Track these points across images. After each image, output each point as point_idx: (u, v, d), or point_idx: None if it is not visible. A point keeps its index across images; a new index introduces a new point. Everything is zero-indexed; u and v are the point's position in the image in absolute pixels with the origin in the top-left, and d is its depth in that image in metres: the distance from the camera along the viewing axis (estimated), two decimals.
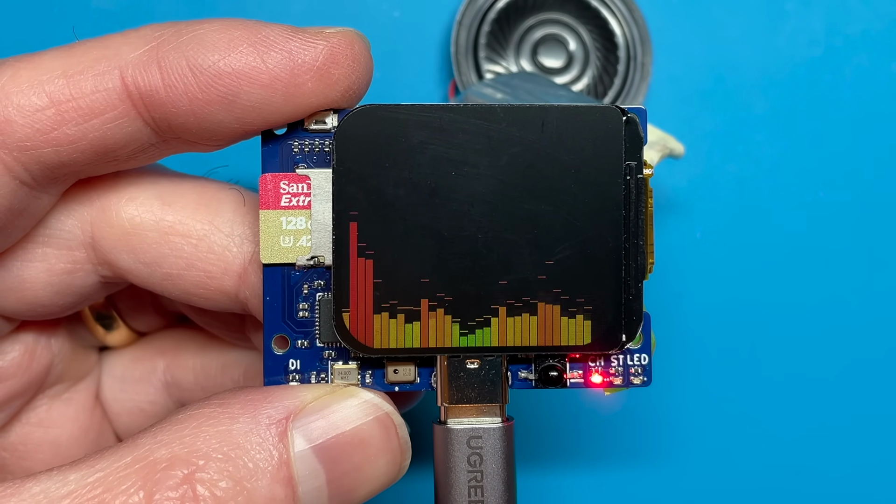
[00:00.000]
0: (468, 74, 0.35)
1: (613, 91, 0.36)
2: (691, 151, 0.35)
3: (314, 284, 0.23)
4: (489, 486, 0.23)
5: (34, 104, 0.22)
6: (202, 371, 0.29)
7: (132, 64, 0.22)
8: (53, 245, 0.24)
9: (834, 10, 0.37)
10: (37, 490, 0.19)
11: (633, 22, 0.36)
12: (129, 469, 0.20)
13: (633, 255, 0.23)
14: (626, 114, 0.23)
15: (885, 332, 0.36)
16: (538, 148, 0.23)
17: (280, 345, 0.23)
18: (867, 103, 0.37)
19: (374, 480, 0.22)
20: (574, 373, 0.24)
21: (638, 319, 0.23)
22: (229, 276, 0.24)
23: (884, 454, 0.36)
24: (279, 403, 0.21)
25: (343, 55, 0.22)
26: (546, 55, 0.36)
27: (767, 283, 0.36)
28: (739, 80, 0.36)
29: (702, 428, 0.36)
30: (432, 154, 0.23)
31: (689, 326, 0.36)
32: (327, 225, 0.23)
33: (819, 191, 0.36)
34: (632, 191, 0.23)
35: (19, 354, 0.26)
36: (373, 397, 0.22)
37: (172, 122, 0.22)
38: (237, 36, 0.22)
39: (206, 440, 0.20)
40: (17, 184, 0.22)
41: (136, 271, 0.25)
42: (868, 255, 0.36)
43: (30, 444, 0.27)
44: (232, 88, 0.22)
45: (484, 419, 0.23)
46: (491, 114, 0.23)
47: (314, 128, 0.23)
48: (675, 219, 0.36)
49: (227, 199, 0.25)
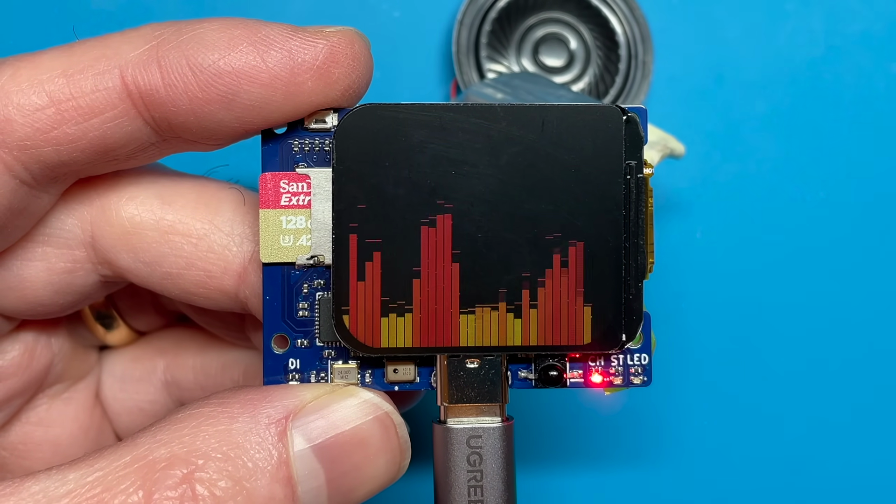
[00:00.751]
0: (469, 74, 0.35)
1: (615, 90, 0.35)
2: (691, 151, 0.35)
3: (314, 284, 0.23)
4: (489, 485, 0.23)
5: (34, 103, 0.22)
6: (202, 370, 0.29)
7: (132, 63, 0.22)
8: (53, 244, 0.24)
9: (834, 10, 0.37)
10: (36, 489, 0.19)
11: (634, 20, 0.35)
12: (129, 468, 0.20)
13: (633, 255, 0.23)
14: (627, 113, 0.23)
15: (885, 331, 0.36)
16: (538, 147, 0.23)
17: (280, 344, 0.23)
18: (867, 103, 0.37)
19: (374, 480, 0.22)
20: (574, 372, 0.24)
21: (638, 319, 0.23)
22: (229, 275, 0.24)
23: (885, 453, 0.36)
24: (279, 403, 0.21)
25: (343, 54, 0.22)
26: (547, 54, 0.36)
27: (767, 282, 0.36)
28: (739, 80, 0.36)
29: (702, 428, 0.36)
30: (432, 153, 0.23)
31: (689, 326, 0.36)
32: (327, 224, 0.23)
33: (819, 191, 0.36)
34: (632, 190, 0.23)
35: (19, 354, 0.26)
36: (372, 397, 0.22)
37: (172, 121, 0.22)
38: (237, 35, 0.22)
39: (206, 439, 0.20)
40: (17, 183, 0.22)
41: (135, 270, 0.25)
42: (868, 254, 0.36)
43: (29, 443, 0.27)
44: (232, 87, 0.22)
45: (484, 419, 0.23)
46: (491, 113, 0.23)
47: (314, 127, 0.23)
48: (675, 219, 0.36)
49: (227, 198, 0.25)
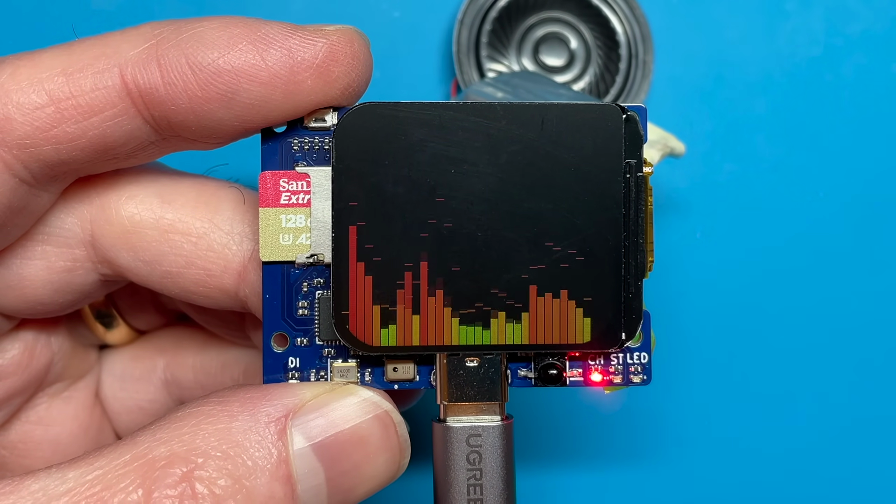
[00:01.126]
0: (470, 73, 0.35)
1: (615, 89, 0.35)
2: (691, 151, 0.35)
3: (314, 282, 0.23)
4: (488, 484, 0.23)
5: (34, 102, 0.22)
6: (202, 369, 0.29)
7: (132, 62, 0.22)
8: (53, 243, 0.24)
9: (834, 10, 0.37)
10: (36, 488, 0.19)
11: (634, 19, 0.35)
12: (128, 467, 0.20)
13: (632, 254, 0.23)
14: (626, 112, 0.23)
15: (885, 330, 0.36)
16: (538, 146, 0.23)
17: (279, 343, 0.23)
18: (867, 103, 0.37)
19: (373, 479, 0.22)
20: (573, 371, 0.24)
21: (638, 318, 0.23)
22: (229, 273, 0.24)
23: (884, 452, 0.36)
24: (278, 401, 0.21)
25: (342, 53, 0.22)
26: (548, 54, 0.36)
27: (767, 282, 0.36)
28: (739, 80, 0.36)
29: (701, 426, 0.36)
30: (432, 152, 0.23)
31: (688, 325, 0.36)
32: (327, 223, 0.23)
33: (819, 191, 0.36)
34: (631, 189, 0.23)
35: (19, 352, 0.26)
36: (372, 395, 0.22)
37: (172, 119, 0.22)
38: (237, 33, 0.22)
39: (205, 438, 0.20)
40: (17, 182, 0.22)
41: (135, 269, 0.25)
42: (868, 254, 0.36)
43: (29, 442, 0.27)
44: (231, 86, 0.22)
45: (483, 417, 0.23)
46: (490, 112, 0.23)
47: (314, 125, 0.23)
48: (675, 218, 0.36)
49: (227, 196, 0.25)
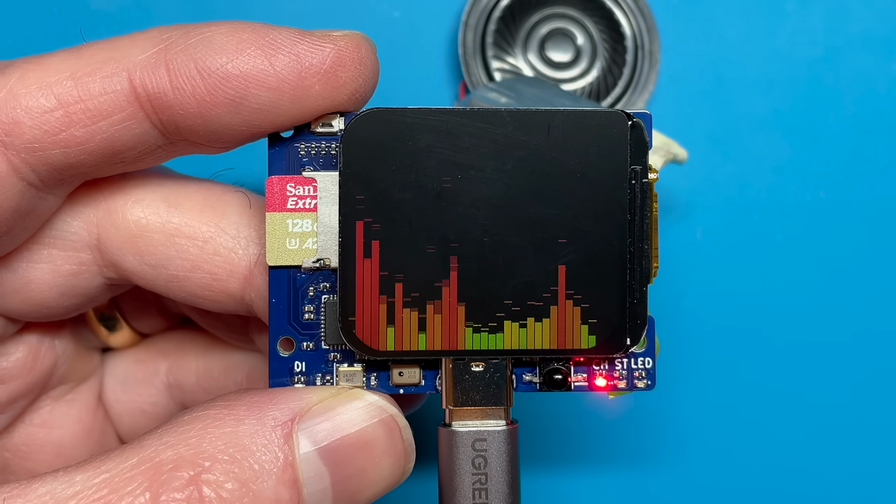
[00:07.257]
0: (477, 74, 0.35)
1: (623, 81, 0.35)
2: (692, 152, 0.35)
3: (320, 287, 0.23)
4: (493, 488, 0.23)
5: (42, 106, 0.22)
6: (205, 373, 0.29)
7: (140, 66, 0.22)
8: (59, 246, 0.24)
9: (834, 10, 0.37)
10: (43, 491, 0.19)
11: (639, 12, 0.35)
12: (135, 470, 0.20)
13: (637, 260, 0.23)
14: (632, 118, 0.23)
15: (886, 332, 0.36)
16: (544, 152, 0.23)
17: (285, 347, 0.24)
18: (867, 103, 0.37)
19: (379, 483, 0.22)
20: (578, 376, 0.24)
21: (642, 323, 0.23)
22: (235, 278, 0.24)
23: (886, 456, 0.36)
24: (284, 405, 0.21)
25: (350, 58, 0.22)
26: (554, 50, 0.36)
27: (768, 283, 0.36)
28: (740, 80, 0.36)
29: (705, 431, 0.36)
30: (438, 157, 0.23)
31: (689, 328, 0.36)
32: (333, 227, 0.23)
33: (819, 191, 0.36)
34: (637, 195, 0.23)
35: (23, 355, 0.26)
36: (377, 399, 0.22)
37: (180, 124, 0.22)
38: (245, 39, 0.22)
39: (212, 442, 0.20)
40: (25, 185, 0.22)
41: (141, 273, 0.25)
42: (869, 254, 0.36)
43: (33, 445, 0.27)
44: (240, 91, 0.22)
45: (488, 422, 0.23)
46: (497, 118, 0.23)
47: (321, 131, 0.23)
48: (676, 220, 0.36)
49: (234, 201, 0.25)
